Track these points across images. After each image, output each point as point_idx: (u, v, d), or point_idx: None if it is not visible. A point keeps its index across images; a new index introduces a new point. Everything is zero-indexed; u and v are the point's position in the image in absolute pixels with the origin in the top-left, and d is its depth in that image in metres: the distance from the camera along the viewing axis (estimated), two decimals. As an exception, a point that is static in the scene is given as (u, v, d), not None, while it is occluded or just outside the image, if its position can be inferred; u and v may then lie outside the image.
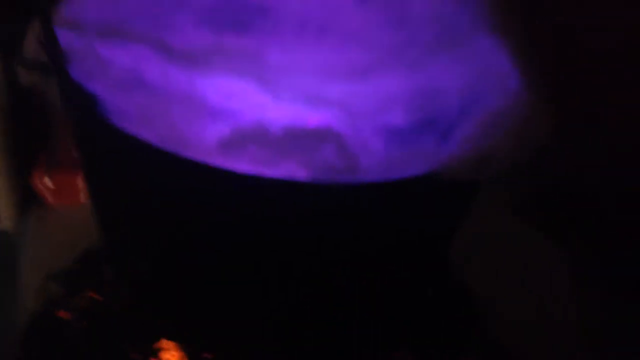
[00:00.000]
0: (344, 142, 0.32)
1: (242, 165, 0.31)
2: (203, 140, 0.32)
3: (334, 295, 0.37)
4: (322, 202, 0.31)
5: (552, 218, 0.72)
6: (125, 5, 0.43)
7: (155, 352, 0.47)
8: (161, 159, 0.31)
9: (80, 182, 0.71)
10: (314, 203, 0.31)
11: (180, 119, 0.33)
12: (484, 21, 0.45)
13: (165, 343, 0.47)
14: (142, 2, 0.44)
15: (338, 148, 0.32)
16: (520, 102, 0.36)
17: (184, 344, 0.45)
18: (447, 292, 0.51)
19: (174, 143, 0.31)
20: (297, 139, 0.32)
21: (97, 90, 0.33)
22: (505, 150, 0.33)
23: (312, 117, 0.38)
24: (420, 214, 0.35)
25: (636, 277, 0.67)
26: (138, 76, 0.36)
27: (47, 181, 0.70)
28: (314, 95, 0.40)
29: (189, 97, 0.35)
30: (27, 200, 0.69)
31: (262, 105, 0.38)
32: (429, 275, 0.43)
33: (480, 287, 0.57)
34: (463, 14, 0.46)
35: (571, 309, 0.66)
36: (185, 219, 0.35)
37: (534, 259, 0.67)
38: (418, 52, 0.45)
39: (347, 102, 0.39)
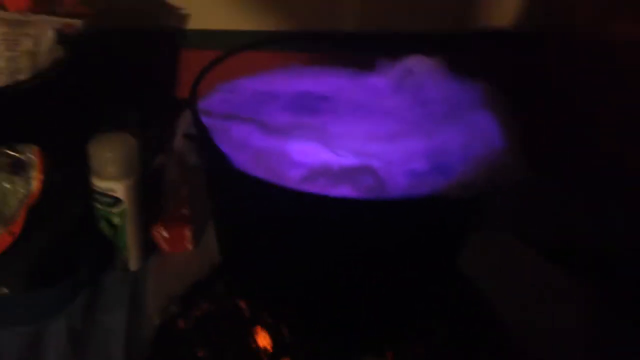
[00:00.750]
0: (377, 174, 0.52)
1: (315, 189, 0.51)
2: (291, 177, 0.52)
3: (363, 282, 0.56)
4: (363, 213, 0.50)
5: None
6: (235, 101, 0.66)
7: (253, 335, 0.66)
8: (266, 189, 0.51)
9: (187, 233, 0.92)
10: (358, 213, 0.51)
11: (277, 166, 0.53)
12: (480, 101, 0.65)
13: (259, 329, 0.66)
14: (246, 99, 0.67)
15: (374, 177, 0.51)
16: (502, 155, 0.55)
17: (268, 329, 0.64)
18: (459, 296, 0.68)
19: (274, 179, 0.52)
20: (348, 173, 0.52)
21: (226, 151, 0.54)
22: (484, 180, 0.52)
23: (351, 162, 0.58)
24: (426, 226, 0.54)
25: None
26: (250, 142, 0.57)
27: (163, 233, 0.91)
28: (360, 151, 0.60)
29: (282, 154, 0.56)
30: (148, 248, 0.90)
31: (326, 159, 0.58)
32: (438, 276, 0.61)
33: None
34: (465, 96, 0.66)
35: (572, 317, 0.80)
36: (280, 231, 0.55)
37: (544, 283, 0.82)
38: (432, 123, 0.64)
39: (383, 156, 0.59)
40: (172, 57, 1.10)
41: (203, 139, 0.54)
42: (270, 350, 0.65)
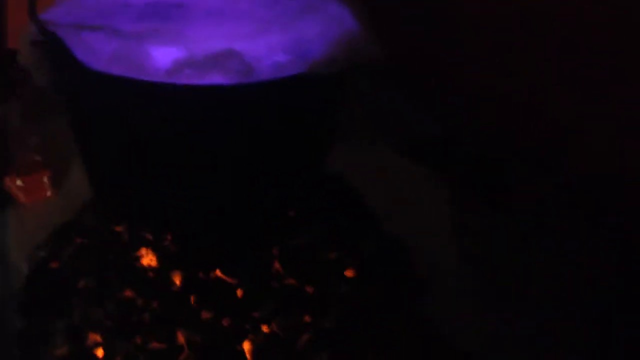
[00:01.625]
0: (244, 57, 0.52)
1: (182, 80, 0.50)
2: (155, 72, 0.51)
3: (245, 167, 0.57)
4: (235, 98, 0.50)
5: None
6: (81, 14, 0.62)
7: (138, 259, 0.65)
8: (130, 87, 0.49)
9: (44, 180, 0.86)
10: (230, 100, 0.51)
11: (138, 63, 0.52)
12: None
13: (143, 250, 0.64)
14: (93, 11, 0.63)
15: (241, 61, 0.51)
16: (357, 37, 0.57)
17: (151, 245, 0.63)
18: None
19: (135, 74, 0.50)
20: (215, 59, 0.51)
21: (80, 57, 0.51)
22: (343, 58, 0.54)
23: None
24: (297, 104, 0.55)
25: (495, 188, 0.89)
26: (104, 46, 0.54)
27: (17, 182, 0.85)
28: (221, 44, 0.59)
29: (142, 53, 0.54)
30: (5, 200, 0.83)
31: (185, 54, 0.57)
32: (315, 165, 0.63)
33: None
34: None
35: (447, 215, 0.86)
36: (150, 134, 0.53)
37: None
38: (288, 18, 0.65)
39: (246, 53, 0.59)
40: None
41: (52, 48, 0.51)
42: (156, 266, 0.64)
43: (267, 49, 0.60)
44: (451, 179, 0.90)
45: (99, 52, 0.52)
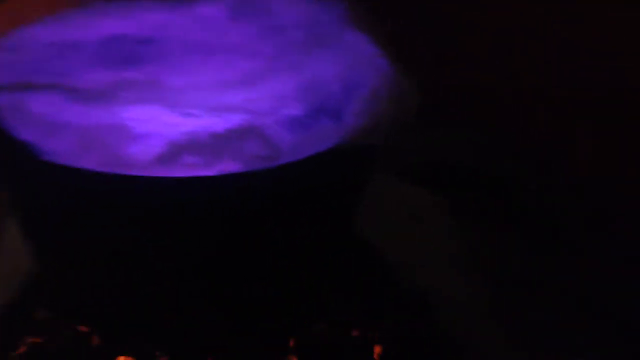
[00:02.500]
0: (265, 134, 0.38)
1: (180, 171, 0.36)
2: (138, 158, 0.36)
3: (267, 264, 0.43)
4: (255, 188, 0.37)
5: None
6: (24, 61, 0.47)
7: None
8: (104, 182, 0.35)
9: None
10: (248, 191, 0.37)
11: (114, 145, 0.37)
12: (347, 21, 0.53)
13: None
14: (38, 56, 0.48)
15: (262, 140, 0.38)
16: (392, 79, 0.44)
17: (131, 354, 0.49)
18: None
19: (114, 166, 0.36)
20: (226, 140, 0.37)
21: (28, 137, 0.36)
22: (387, 119, 0.41)
23: (220, 124, 0.43)
24: (332, 183, 0.42)
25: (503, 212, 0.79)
26: (62, 118, 0.39)
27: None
28: (217, 106, 0.45)
29: (115, 127, 0.39)
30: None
31: (175, 124, 0.43)
32: (339, 237, 0.50)
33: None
34: (324, 17, 0.53)
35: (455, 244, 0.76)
36: (132, 227, 0.39)
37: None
38: (295, 53, 0.51)
39: (248, 106, 0.45)
40: None
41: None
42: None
43: (272, 99, 0.47)
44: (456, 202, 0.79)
45: (52, 133, 0.37)
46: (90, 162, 0.35)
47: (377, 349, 0.57)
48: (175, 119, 0.43)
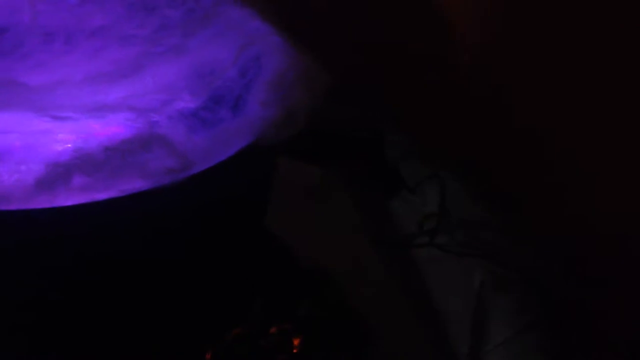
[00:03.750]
0: (170, 141, 0.33)
1: (70, 197, 0.29)
2: (16, 187, 0.30)
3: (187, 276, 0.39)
4: (164, 202, 0.31)
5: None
6: None
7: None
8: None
9: None
10: (158, 207, 0.31)
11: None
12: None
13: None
14: None
15: (166, 149, 0.32)
16: (295, 59, 0.40)
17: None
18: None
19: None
20: (124, 155, 0.31)
21: None
22: (301, 106, 0.37)
23: (104, 128, 0.37)
24: (247, 181, 0.37)
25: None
26: None
27: None
28: (95, 106, 0.39)
29: None
30: None
31: (49, 133, 0.36)
32: (250, 233, 0.46)
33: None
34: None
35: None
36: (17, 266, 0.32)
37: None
38: (174, 34, 0.46)
39: (133, 103, 0.39)
40: None
41: None
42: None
43: (159, 91, 0.41)
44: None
45: None
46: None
47: (296, 341, 0.55)
48: (47, 125, 0.36)
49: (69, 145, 0.31)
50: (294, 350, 0.53)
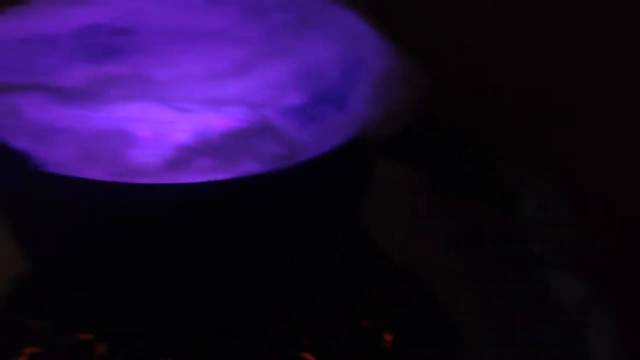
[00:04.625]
0: (282, 132, 0.36)
1: (193, 177, 0.33)
2: (146, 166, 0.34)
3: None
4: (273, 188, 0.35)
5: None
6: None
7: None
8: (112, 192, 0.32)
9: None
10: (265, 192, 0.35)
11: (117, 152, 0.34)
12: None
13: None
14: (9, 52, 0.44)
15: (276, 138, 0.36)
16: (396, 60, 0.42)
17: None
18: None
19: (120, 176, 0.33)
20: (239, 141, 0.35)
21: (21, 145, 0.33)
22: (401, 104, 0.39)
23: (221, 119, 0.41)
24: (347, 176, 0.40)
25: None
26: (49, 124, 0.36)
27: None
28: (213, 99, 0.43)
29: (111, 130, 0.36)
30: None
31: (173, 122, 0.40)
32: (347, 229, 0.49)
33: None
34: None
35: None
36: (142, 236, 0.36)
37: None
38: (284, 36, 0.49)
39: (246, 98, 0.43)
40: None
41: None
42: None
43: (271, 88, 0.44)
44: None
45: (44, 140, 0.34)
46: (94, 172, 0.32)
47: (388, 337, 0.57)
48: (171, 116, 0.40)
49: (191, 133, 0.35)
50: (386, 346, 0.55)
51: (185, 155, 0.34)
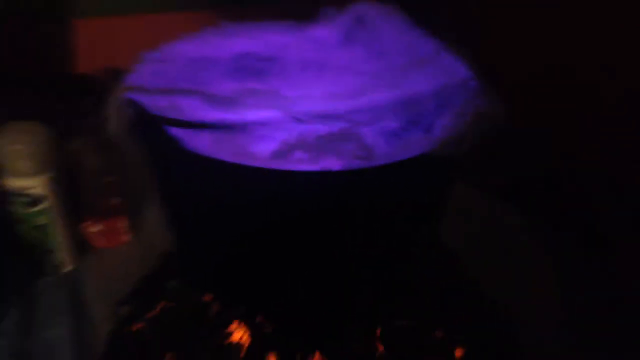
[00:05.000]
0: (362, 139, 0.46)
1: (292, 165, 0.44)
2: (260, 154, 0.45)
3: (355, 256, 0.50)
4: (352, 184, 0.44)
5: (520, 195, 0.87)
6: (169, 72, 0.57)
7: (228, 336, 0.60)
8: (237, 172, 0.44)
9: (122, 224, 0.83)
10: (346, 186, 0.44)
11: (240, 143, 0.46)
12: (443, 48, 0.59)
13: (234, 326, 0.59)
14: (181, 68, 0.58)
15: (359, 144, 0.45)
16: (480, 96, 0.50)
17: (243, 321, 0.58)
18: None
19: (242, 159, 0.44)
20: (329, 141, 0.45)
21: (178, 134, 0.46)
22: (471, 132, 0.47)
23: (321, 127, 0.51)
24: (419, 187, 0.48)
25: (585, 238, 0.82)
26: (202, 119, 0.49)
27: (94, 227, 0.81)
28: (323, 114, 0.53)
29: (241, 127, 0.48)
30: (80, 247, 0.80)
31: (290, 129, 0.51)
32: (426, 240, 0.57)
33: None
34: (425, 46, 0.60)
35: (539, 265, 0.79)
36: (256, 214, 0.47)
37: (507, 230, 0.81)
38: (394, 73, 0.59)
39: (351, 117, 0.53)
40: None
41: (140, 118, 0.46)
42: (248, 346, 0.59)
43: (373, 111, 0.54)
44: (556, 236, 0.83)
45: (193, 127, 0.47)
46: (223, 155, 0.44)
47: (459, 352, 0.63)
48: (288, 122, 0.51)
49: (296, 134, 0.46)
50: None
51: (286, 149, 0.45)
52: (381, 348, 0.59)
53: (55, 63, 1.02)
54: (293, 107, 0.53)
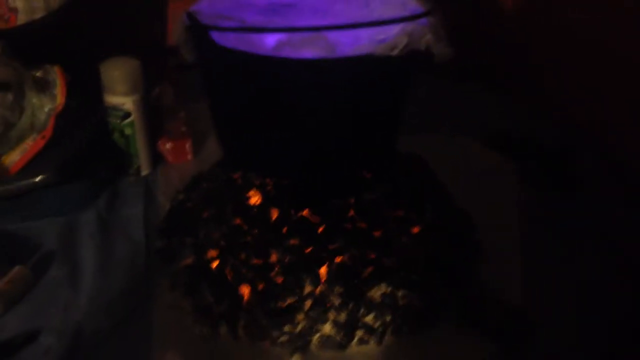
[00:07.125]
0: (327, 40, 0.70)
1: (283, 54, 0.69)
2: (265, 46, 0.70)
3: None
4: (321, 69, 0.68)
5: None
6: (220, 6, 0.83)
7: (248, 198, 0.84)
8: (246, 57, 0.69)
9: (187, 146, 1.09)
10: (317, 70, 0.69)
11: (254, 41, 0.71)
12: None
13: (252, 192, 0.84)
14: (229, 6, 0.84)
15: (325, 42, 0.69)
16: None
17: (258, 189, 0.83)
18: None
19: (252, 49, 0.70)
20: (306, 40, 0.70)
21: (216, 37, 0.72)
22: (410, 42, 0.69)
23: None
24: (369, 76, 0.72)
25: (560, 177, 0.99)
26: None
27: (167, 145, 1.08)
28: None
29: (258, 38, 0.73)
30: (156, 159, 1.07)
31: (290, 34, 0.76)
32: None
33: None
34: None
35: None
36: (259, 98, 0.73)
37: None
38: (375, 16, 0.82)
39: (337, 39, 0.77)
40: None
41: (196, 31, 0.72)
42: (260, 204, 0.83)
43: (353, 38, 0.77)
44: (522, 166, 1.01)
45: (228, 34, 0.72)
46: (240, 47, 0.70)
47: (416, 229, 0.83)
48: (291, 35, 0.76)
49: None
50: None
51: (280, 44, 0.70)
52: (352, 212, 0.81)
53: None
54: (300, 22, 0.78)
